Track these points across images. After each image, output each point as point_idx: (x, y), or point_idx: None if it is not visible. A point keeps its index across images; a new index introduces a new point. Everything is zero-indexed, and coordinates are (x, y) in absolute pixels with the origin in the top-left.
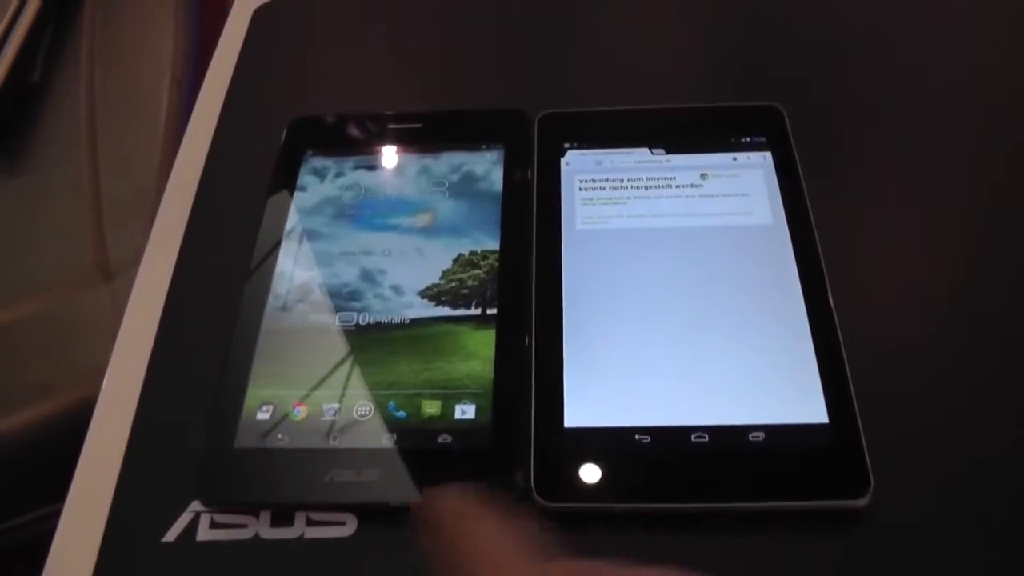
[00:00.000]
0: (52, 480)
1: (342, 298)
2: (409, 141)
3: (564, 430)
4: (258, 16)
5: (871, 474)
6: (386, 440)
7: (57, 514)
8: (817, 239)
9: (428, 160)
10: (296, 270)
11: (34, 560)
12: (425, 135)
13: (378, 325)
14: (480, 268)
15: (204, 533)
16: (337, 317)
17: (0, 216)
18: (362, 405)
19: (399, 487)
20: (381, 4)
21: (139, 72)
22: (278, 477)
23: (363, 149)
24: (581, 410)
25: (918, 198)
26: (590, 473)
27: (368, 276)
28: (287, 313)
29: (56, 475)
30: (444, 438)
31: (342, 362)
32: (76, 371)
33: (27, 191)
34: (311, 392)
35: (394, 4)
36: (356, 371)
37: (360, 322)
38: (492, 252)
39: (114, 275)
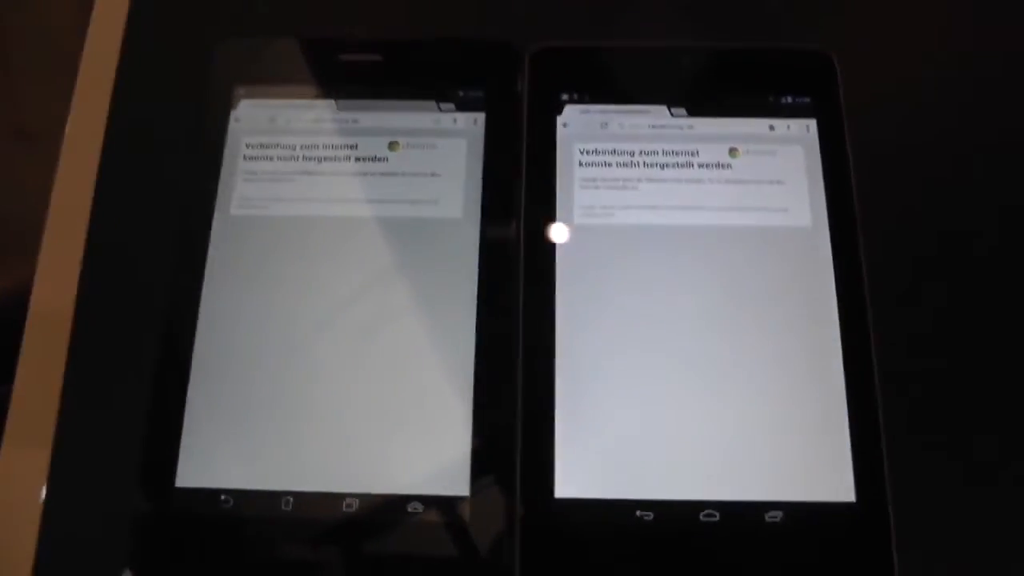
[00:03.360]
0: None
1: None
2: (365, 80)
3: (554, 501)
4: None
5: (895, 564)
6: (346, 506)
7: None
8: (862, 253)
9: (387, 110)
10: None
11: None
12: (386, 71)
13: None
14: None
15: None
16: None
17: None
18: (320, 465)
19: (360, 565)
20: None
21: None
22: (222, 551)
23: (308, 91)
24: (574, 478)
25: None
26: (583, 553)
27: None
28: (220, 344)
29: None
30: (415, 507)
31: (295, 410)
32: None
33: None
34: (259, 449)
35: None
36: (313, 421)
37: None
38: None
39: (33, 137)
